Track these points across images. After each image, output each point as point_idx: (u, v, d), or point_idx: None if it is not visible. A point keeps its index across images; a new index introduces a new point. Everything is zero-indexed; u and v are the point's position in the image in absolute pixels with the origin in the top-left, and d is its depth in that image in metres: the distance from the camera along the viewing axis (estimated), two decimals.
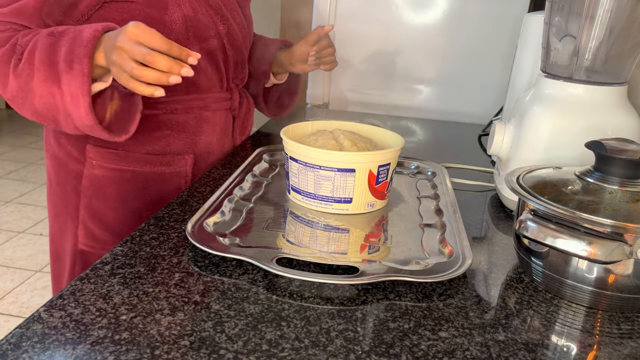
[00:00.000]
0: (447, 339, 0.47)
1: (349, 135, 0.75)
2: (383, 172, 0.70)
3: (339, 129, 0.78)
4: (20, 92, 0.70)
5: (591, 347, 0.48)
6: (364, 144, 0.74)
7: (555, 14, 0.71)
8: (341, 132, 0.76)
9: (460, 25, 1.35)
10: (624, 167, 0.54)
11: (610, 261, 0.49)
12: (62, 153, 0.88)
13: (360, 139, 0.75)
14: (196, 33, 0.83)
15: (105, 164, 0.86)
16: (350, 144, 0.73)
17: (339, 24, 1.40)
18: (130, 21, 0.64)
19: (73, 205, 0.88)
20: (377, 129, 0.83)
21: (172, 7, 0.80)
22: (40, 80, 0.68)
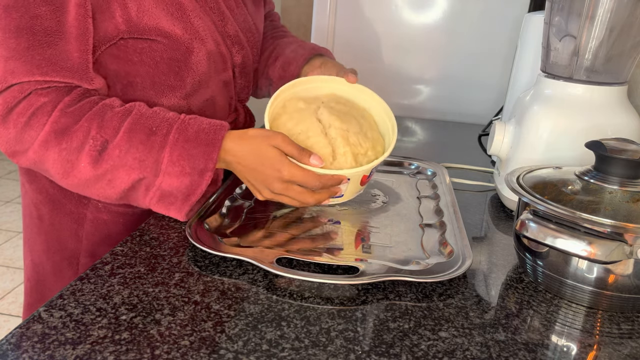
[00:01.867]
0: (447, 339, 0.47)
1: (337, 122, 0.68)
2: (372, 172, 0.70)
3: (324, 107, 0.71)
4: (92, 182, 0.62)
5: (591, 347, 0.48)
6: (355, 136, 0.68)
7: (556, 14, 0.71)
8: (328, 113, 0.69)
9: (461, 25, 1.35)
10: (624, 167, 0.54)
11: (610, 261, 0.49)
12: (57, 191, 0.75)
13: (351, 126, 0.69)
14: (216, 67, 0.76)
15: (114, 208, 0.75)
16: (343, 142, 0.67)
17: (339, 24, 1.40)
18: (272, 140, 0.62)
19: (71, 251, 0.78)
20: (357, 88, 0.76)
21: (197, 47, 0.71)
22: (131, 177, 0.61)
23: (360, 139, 0.68)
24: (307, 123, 0.68)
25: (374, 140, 0.71)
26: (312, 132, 0.67)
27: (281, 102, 0.72)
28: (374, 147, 0.70)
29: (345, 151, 0.67)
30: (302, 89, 0.75)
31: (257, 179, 0.64)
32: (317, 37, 1.42)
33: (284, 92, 0.72)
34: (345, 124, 0.69)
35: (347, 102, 0.74)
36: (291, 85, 0.73)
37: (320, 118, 0.69)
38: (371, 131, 0.72)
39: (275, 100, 0.71)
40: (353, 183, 0.67)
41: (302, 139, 0.67)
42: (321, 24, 1.41)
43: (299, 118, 0.69)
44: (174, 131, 0.62)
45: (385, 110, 0.75)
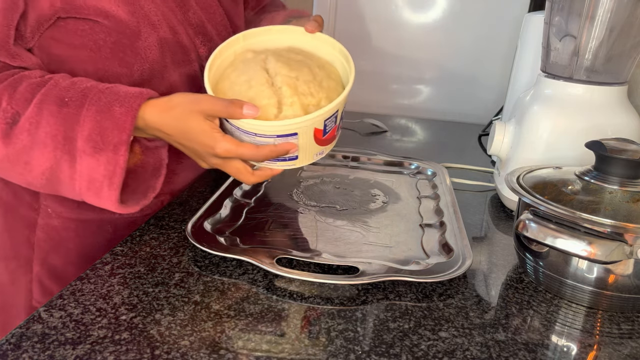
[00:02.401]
0: (447, 339, 0.47)
1: (285, 70, 0.60)
2: (330, 122, 0.61)
3: (272, 55, 0.63)
4: (8, 162, 0.57)
5: (591, 347, 0.48)
6: (306, 84, 0.60)
7: (556, 14, 0.71)
8: (275, 60, 0.62)
9: (461, 25, 1.35)
10: (624, 167, 0.54)
11: (610, 261, 0.49)
12: (9, 194, 0.71)
13: (301, 74, 0.61)
14: (174, 58, 0.68)
15: (66, 214, 0.70)
16: (291, 91, 0.59)
17: (340, 24, 1.40)
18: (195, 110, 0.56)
19: (25, 258, 0.73)
20: (320, 38, 0.67)
21: (146, 31, 0.64)
22: (45, 156, 0.56)
23: (312, 88, 0.60)
24: (250, 72, 0.60)
25: (330, 90, 0.62)
26: (255, 82, 0.59)
27: (231, 55, 0.65)
28: (330, 97, 0.61)
29: (292, 101, 0.58)
30: (255, 42, 0.66)
31: (191, 153, 0.60)
32: None
33: (233, 45, 0.65)
34: (295, 71, 0.60)
35: (305, 53, 0.66)
36: (241, 37, 0.66)
37: (268, 67, 0.61)
38: (328, 80, 0.63)
39: (223, 53, 0.64)
40: (306, 140, 0.59)
41: (244, 89, 0.59)
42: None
43: (243, 68, 0.62)
44: (88, 102, 0.56)
45: (345, 57, 0.65)
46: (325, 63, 0.66)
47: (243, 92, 0.59)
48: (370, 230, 0.66)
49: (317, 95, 0.60)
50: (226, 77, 0.62)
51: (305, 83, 0.60)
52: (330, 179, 0.84)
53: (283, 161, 0.61)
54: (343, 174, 0.86)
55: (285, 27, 0.67)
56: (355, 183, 0.82)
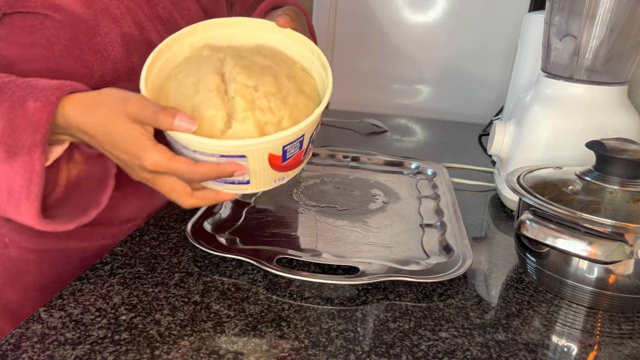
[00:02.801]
0: (448, 339, 0.47)
1: (243, 76, 0.50)
2: (293, 147, 0.50)
3: (231, 56, 0.53)
4: None
5: (592, 347, 0.48)
6: (266, 98, 0.49)
7: (556, 14, 0.71)
8: (233, 63, 0.51)
9: (461, 25, 1.35)
10: (625, 167, 0.54)
11: (610, 261, 0.49)
12: None
13: (262, 84, 0.50)
14: (142, 58, 0.56)
15: (24, 243, 0.62)
16: (245, 104, 0.48)
17: (340, 23, 1.40)
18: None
19: None
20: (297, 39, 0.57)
21: (106, 26, 0.56)
22: None
23: (273, 103, 0.49)
24: (201, 74, 0.51)
25: (297, 108, 0.51)
26: (203, 86, 0.49)
27: (187, 48, 0.55)
28: (294, 117, 0.50)
29: (245, 117, 0.48)
30: (217, 35, 0.56)
31: (120, 163, 0.49)
32: (317, 36, 1.41)
33: (188, 36, 0.55)
34: (255, 79, 0.50)
35: (277, 56, 0.55)
36: (200, 27, 0.56)
37: (224, 71, 0.51)
38: (297, 95, 0.51)
39: (174, 45, 0.54)
40: (258, 165, 0.49)
41: (189, 94, 0.49)
42: (321, 24, 1.41)
43: (194, 68, 0.52)
44: (1, 98, 0.47)
45: (324, 66, 0.55)
46: (299, 71, 0.55)
47: (187, 97, 0.49)
48: (370, 231, 0.66)
49: (278, 113, 0.49)
50: (174, 76, 0.52)
51: (266, 96, 0.50)
52: (330, 179, 0.83)
53: (232, 184, 0.51)
54: (343, 174, 0.86)
55: (255, 21, 0.57)
56: (355, 183, 0.82)
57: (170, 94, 0.51)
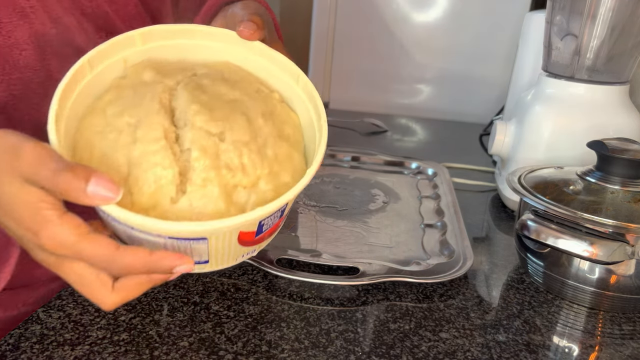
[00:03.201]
0: (448, 340, 0.47)
1: (203, 117, 0.37)
2: (272, 218, 0.37)
3: (185, 86, 0.39)
4: None
5: (592, 347, 0.48)
6: (236, 149, 0.37)
7: (557, 13, 0.71)
8: (188, 96, 0.38)
9: (461, 24, 1.35)
10: (626, 167, 0.54)
11: (611, 262, 0.49)
12: None
13: (231, 127, 0.37)
14: (63, 64, 0.41)
15: None
16: (206, 161, 0.36)
17: (340, 23, 1.40)
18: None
19: None
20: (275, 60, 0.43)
21: (9, 23, 0.44)
22: None
23: (246, 157, 0.37)
24: (141, 111, 0.37)
25: (280, 162, 0.38)
26: (145, 131, 0.36)
27: (119, 65, 0.41)
28: (275, 175, 0.38)
29: (205, 178, 0.35)
30: (166, 48, 0.42)
31: (14, 236, 0.36)
32: (317, 36, 1.41)
33: (121, 48, 0.40)
34: (219, 122, 0.37)
35: (247, 81, 0.42)
36: (138, 37, 0.41)
37: (175, 105, 0.38)
38: (277, 142, 0.39)
39: (100, 60, 0.39)
40: (222, 244, 0.36)
41: (123, 142, 0.36)
42: (321, 23, 1.41)
43: (132, 100, 0.38)
44: None
45: (315, 105, 0.41)
46: (277, 104, 0.42)
47: (121, 146, 0.35)
48: (370, 231, 0.66)
49: (252, 172, 0.37)
50: (100, 111, 0.38)
51: (236, 147, 0.36)
52: (330, 179, 0.83)
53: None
54: (343, 174, 0.86)
55: (215, 31, 0.43)
56: (355, 183, 0.82)
57: (94, 140, 0.36)
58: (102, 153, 0.36)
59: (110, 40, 0.40)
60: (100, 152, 0.36)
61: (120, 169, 0.35)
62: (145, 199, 0.35)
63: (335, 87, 1.46)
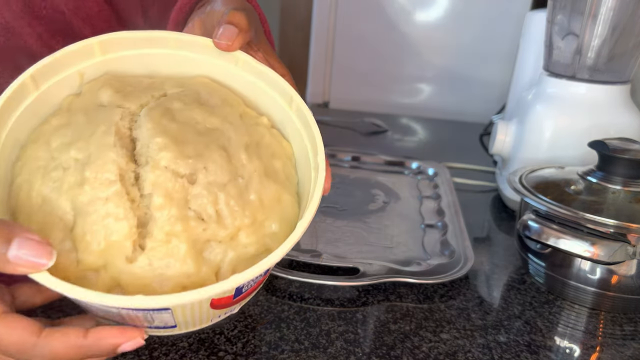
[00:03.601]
0: (449, 341, 0.47)
1: (170, 152, 0.30)
2: (252, 281, 0.31)
3: (149, 112, 0.32)
4: None
5: (594, 348, 0.48)
6: (210, 194, 0.30)
7: (558, 12, 0.71)
8: (152, 125, 0.31)
9: (462, 23, 1.34)
10: (627, 166, 0.54)
11: (613, 262, 0.48)
12: None
13: (204, 165, 0.31)
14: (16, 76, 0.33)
15: None
16: (171, 210, 0.29)
17: (340, 22, 1.40)
18: None
19: None
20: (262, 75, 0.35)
21: None
22: None
23: (223, 204, 0.30)
24: (92, 143, 0.30)
25: (264, 209, 0.32)
26: (92, 172, 0.29)
27: (73, 80, 0.34)
28: (259, 225, 0.32)
29: (170, 232, 0.29)
30: (130, 59, 0.35)
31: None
32: (317, 35, 1.41)
33: (78, 59, 0.34)
34: (190, 160, 0.30)
35: (228, 102, 0.35)
36: (96, 45, 0.34)
37: (136, 136, 0.31)
38: (263, 184, 0.32)
39: (55, 70, 0.33)
40: (192, 313, 0.30)
41: (67, 184, 0.29)
42: (322, 22, 1.40)
43: (83, 129, 0.31)
44: None
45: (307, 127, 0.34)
46: (265, 132, 0.35)
47: (65, 189, 0.29)
48: (370, 231, 0.66)
49: (231, 223, 0.30)
50: (44, 141, 0.31)
51: (210, 191, 0.30)
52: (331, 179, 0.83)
53: (150, 328, 0.31)
54: (343, 174, 0.86)
55: (190, 40, 0.35)
56: (355, 183, 0.82)
57: (34, 178, 0.30)
58: (43, 196, 0.29)
59: (62, 50, 0.33)
60: (40, 195, 0.30)
61: (65, 217, 0.29)
62: (94, 257, 0.28)
63: (335, 87, 1.46)
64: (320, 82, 1.46)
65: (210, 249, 0.30)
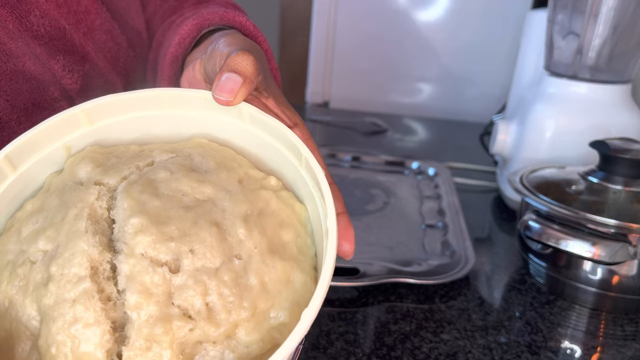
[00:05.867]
0: (449, 342, 0.46)
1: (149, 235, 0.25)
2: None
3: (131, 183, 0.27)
4: None
5: (594, 349, 0.48)
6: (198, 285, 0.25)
7: (559, 12, 0.70)
8: (132, 201, 0.26)
9: (463, 23, 1.34)
10: (628, 166, 0.54)
11: (614, 262, 0.48)
12: None
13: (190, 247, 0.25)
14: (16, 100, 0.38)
15: None
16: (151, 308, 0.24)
17: (340, 22, 1.40)
18: None
19: None
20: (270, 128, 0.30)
21: None
22: None
23: (214, 295, 0.25)
24: (62, 232, 0.26)
25: (268, 295, 0.26)
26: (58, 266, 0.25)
27: (59, 155, 0.31)
28: (262, 315, 0.26)
29: (149, 336, 0.24)
30: (120, 125, 0.32)
31: None
32: (317, 35, 1.41)
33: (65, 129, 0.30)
34: (173, 244, 0.25)
35: (227, 164, 0.30)
36: (81, 114, 0.30)
37: (113, 215, 0.27)
38: (268, 262, 0.27)
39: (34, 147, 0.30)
40: None
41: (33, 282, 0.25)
42: (322, 22, 1.40)
43: (55, 214, 0.27)
44: None
45: (316, 184, 0.28)
46: (271, 197, 0.29)
47: (30, 289, 0.25)
48: (370, 231, 0.65)
49: (225, 319, 0.25)
50: (16, 229, 0.28)
51: (197, 279, 0.25)
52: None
53: None
54: (343, 174, 0.85)
55: (187, 94, 0.31)
56: (355, 183, 0.82)
57: (1, 277, 0.27)
58: (9, 298, 0.26)
59: (43, 124, 0.29)
60: (7, 296, 0.26)
61: (30, 324, 0.25)
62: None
63: (335, 87, 1.46)
64: (320, 82, 1.46)
65: (204, 352, 0.25)
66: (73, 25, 0.42)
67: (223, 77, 0.29)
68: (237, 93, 0.28)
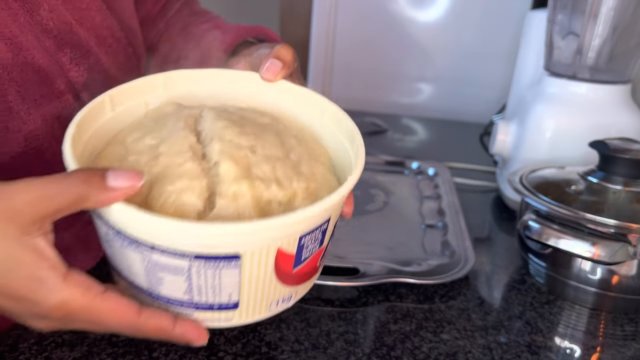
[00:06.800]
0: (449, 341, 0.46)
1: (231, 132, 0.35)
2: (313, 241, 0.32)
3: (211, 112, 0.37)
4: None
5: (594, 349, 0.48)
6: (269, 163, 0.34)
7: (558, 12, 0.70)
8: (214, 117, 0.36)
9: (462, 23, 1.34)
10: (628, 166, 0.54)
11: (614, 262, 0.48)
12: None
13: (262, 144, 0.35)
14: (26, 91, 0.40)
15: None
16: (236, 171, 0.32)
17: (340, 22, 1.40)
18: None
19: None
20: (298, 94, 0.41)
21: None
22: None
23: (280, 170, 0.34)
24: (164, 132, 0.35)
25: (315, 179, 0.35)
26: (167, 147, 0.33)
27: (139, 108, 0.39)
28: (312, 192, 0.34)
29: (237, 191, 0.32)
30: (185, 93, 0.41)
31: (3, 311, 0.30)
32: (317, 35, 1.41)
33: (149, 89, 0.39)
34: (249, 137, 0.35)
35: (276, 117, 0.40)
36: (161, 80, 0.40)
37: (200, 128, 0.36)
38: (312, 163, 0.36)
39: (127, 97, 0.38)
40: (257, 271, 0.30)
41: (142, 163, 0.33)
42: (321, 23, 1.40)
43: (153, 126, 0.36)
44: None
45: (348, 131, 0.38)
46: (309, 137, 0.39)
47: (140, 167, 0.33)
48: (370, 231, 0.66)
49: (288, 186, 0.33)
50: (119, 142, 0.36)
51: (268, 160, 0.34)
52: None
53: (206, 310, 0.32)
54: None
55: (237, 74, 0.42)
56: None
57: (111, 164, 0.34)
58: None
59: (134, 81, 0.39)
60: None
61: (141, 190, 0.31)
62: (169, 214, 0.31)
63: (335, 87, 1.46)
64: (320, 82, 1.46)
65: (271, 209, 0.33)
66: (78, 20, 0.45)
67: (268, 62, 0.40)
68: (278, 74, 0.40)
